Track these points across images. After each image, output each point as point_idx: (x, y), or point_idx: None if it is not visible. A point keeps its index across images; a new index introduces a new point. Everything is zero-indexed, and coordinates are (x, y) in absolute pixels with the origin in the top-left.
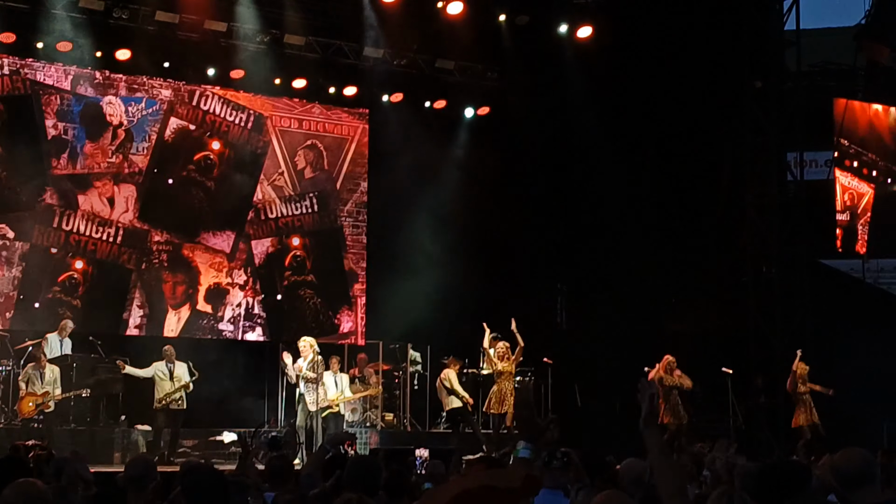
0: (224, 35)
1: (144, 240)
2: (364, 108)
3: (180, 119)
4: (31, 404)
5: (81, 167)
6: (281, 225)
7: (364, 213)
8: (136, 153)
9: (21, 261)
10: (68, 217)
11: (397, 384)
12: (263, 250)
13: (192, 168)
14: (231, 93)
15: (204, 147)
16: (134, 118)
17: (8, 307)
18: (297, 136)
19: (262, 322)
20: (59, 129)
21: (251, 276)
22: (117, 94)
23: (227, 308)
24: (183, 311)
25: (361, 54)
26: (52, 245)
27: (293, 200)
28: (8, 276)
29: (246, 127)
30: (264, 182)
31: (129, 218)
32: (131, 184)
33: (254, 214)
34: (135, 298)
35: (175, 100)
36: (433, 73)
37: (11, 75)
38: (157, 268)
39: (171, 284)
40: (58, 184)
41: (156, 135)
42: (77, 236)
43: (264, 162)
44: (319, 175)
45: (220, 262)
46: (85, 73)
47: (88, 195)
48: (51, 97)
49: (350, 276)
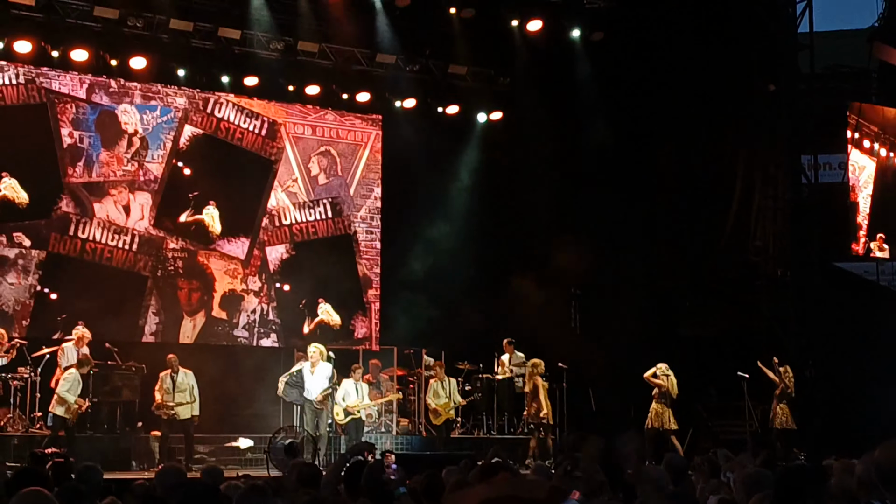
0: (238, 43)
1: (160, 247)
2: (377, 114)
3: (195, 126)
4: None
5: (97, 175)
6: (295, 231)
7: (378, 218)
8: (150, 161)
9: (37, 269)
10: (84, 225)
11: (412, 389)
12: (278, 256)
13: (206, 175)
14: (245, 100)
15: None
16: (149, 126)
17: (24, 315)
18: (310, 143)
19: (277, 328)
20: (74, 137)
21: (266, 283)
22: (132, 103)
23: (241, 314)
24: (198, 318)
25: (374, 60)
26: (68, 253)
27: (307, 207)
28: (24, 284)
29: (260, 134)
30: (278, 188)
31: (145, 225)
32: (146, 191)
33: (268, 221)
34: (150, 305)
35: (189, 107)
36: (446, 79)
37: (27, 84)
38: (172, 275)
39: (187, 291)
40: (73, 192)
41: (171, 142)
42: (93, 244)
43: (278, 168)
44: (333, 181)
45: (235, 269)
46: (100, 82)
47: (104, 203)
48: (66, 105)
49: (364, 282)
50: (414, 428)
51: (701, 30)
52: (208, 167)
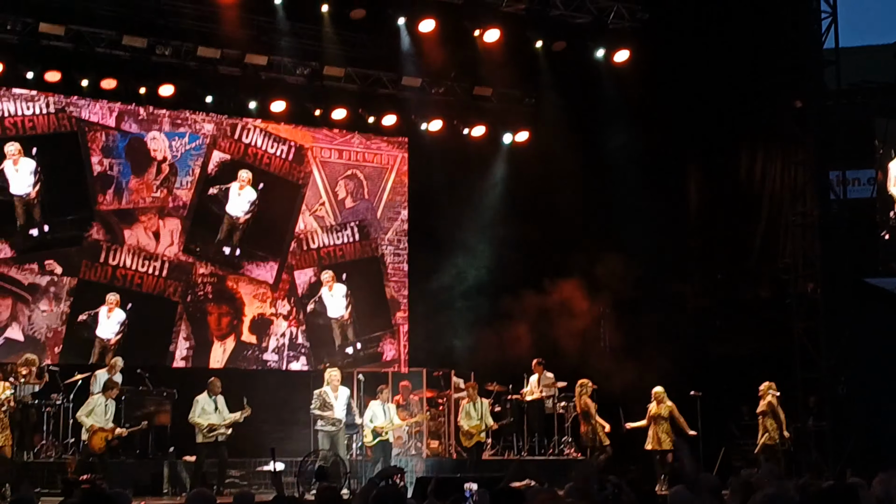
0: (264, 68)
1: (189, 272)
2: (403, 137)
3: (223, 152)
4: (102, 440)
5: (127, 202)
6: (323, 255)
7: (405, 240)
8: (179, 187)
9: (69, 296)
10: (115, 251)
11: (441, 411)
12: (306, 280)
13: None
14: (272, 125)
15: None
16: (177, 153)
17: (56, 342)
18: (337, 167)
19: (306, 351)
20: (104, 165)
21: (294, 306)
22: (161, 130)
23: (271, 338)
24: (228, 342)
25: (400, 83)
26: (99, 280)
27: (334, 230)
28: (56, 311)
29: (287, 158)
30: (306, 212)
31: (174, 251)
32: (176, 217)
33: (296, 245)
34: (181, 330)
35: (217, 133)
36: (471, 101)
37: (57, 113)
38: (201, 300)
39: (216, 316)
40: (104, 219)
41: (199, 168)
42: (123, 270)
43: (305, 192)
44: (360, 204)
45: (264, 293)
46: (129, 110)
47: (134, 229)
48: (96, 134)
49: (392, 304)
50: (444, 450)
51: (726, 48)
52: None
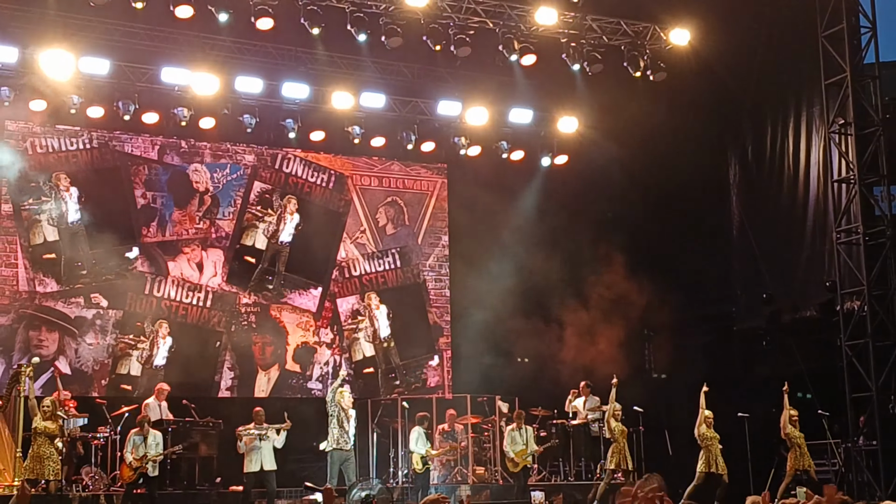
0: (304, 98)
1: (233, 302)
2: (442, 163)
3: (263, 182)
4: (129, 471)
5: (170, 234)
6: (365, 282)
7: (446, 266)
8: (222, 218)
9: (115, 328)
10: (159, 283)
11: (486, 437)
12: (349, 308)
13: (277, 229)
14: (312, 154)
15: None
16: (219, 184)
17: (103, 375)
18: (377, 194)
19: (350, 379)
20: (147, 198)
21: (337, 334)
22: (202, 162)
23: (315, 366)
24: (272, 372)
25: (437, 110)
26: (144, 312)
27: (376, 257)
28: (102, 344)
29: (328, 187)
30: (347, 240)
31: (218, 282)
32: (218, 248)
33: (338, 273)
34: (225, 361)
35: (258, 164)
36: (509, 125)
37: (100, 148)
38: (245, 329)
39: (261, 345)
40: (148, 251)
41: (241, 199)
42: (168, 302)
43: (346, 220)
44: (401, 231)
45: (307, 322)
46: (171, 143)
47: (178, 261)
48: (139, 167)
49: (435, 330)
50: (490, 476)
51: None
52: None
